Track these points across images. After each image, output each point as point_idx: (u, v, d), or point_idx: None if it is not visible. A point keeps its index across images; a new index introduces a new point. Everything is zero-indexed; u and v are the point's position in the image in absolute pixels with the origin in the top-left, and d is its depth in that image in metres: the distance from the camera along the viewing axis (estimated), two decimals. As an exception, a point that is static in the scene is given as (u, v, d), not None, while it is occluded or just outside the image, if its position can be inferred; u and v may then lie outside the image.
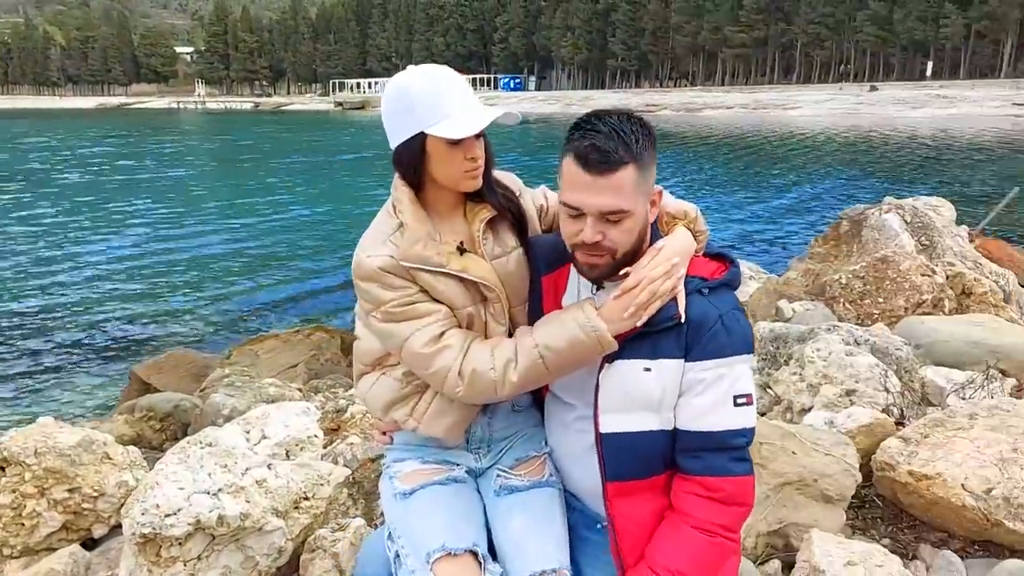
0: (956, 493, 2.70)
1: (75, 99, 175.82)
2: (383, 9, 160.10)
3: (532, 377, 1.79)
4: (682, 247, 1.80)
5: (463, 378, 1.79)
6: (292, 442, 3.18)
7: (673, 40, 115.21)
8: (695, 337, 1.74)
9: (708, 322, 1.74)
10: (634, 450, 1.79)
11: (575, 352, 1.75)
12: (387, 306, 1.83)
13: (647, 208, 1.78)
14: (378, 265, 1.81)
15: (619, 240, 1.74)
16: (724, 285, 1.81)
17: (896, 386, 3.61)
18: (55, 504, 3.41)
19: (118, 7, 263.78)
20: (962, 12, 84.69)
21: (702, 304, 1.76)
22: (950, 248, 7.12)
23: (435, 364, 1.81)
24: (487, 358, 1.79)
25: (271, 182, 28.23)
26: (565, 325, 1.76)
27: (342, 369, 6.87)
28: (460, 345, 1.81)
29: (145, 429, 5.01)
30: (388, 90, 1.86)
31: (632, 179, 1.69)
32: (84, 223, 19.53)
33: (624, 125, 1.70)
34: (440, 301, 1.85)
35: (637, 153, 1.69)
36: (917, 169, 29.80)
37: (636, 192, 1.71)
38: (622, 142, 1.67)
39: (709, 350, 1.74)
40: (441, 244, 1.85)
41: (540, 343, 1.77)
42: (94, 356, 9.28)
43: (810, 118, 64.51)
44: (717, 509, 1.74)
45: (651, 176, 1.76)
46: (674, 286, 1.74)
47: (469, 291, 1.87)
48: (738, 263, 1.89)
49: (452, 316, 1.86)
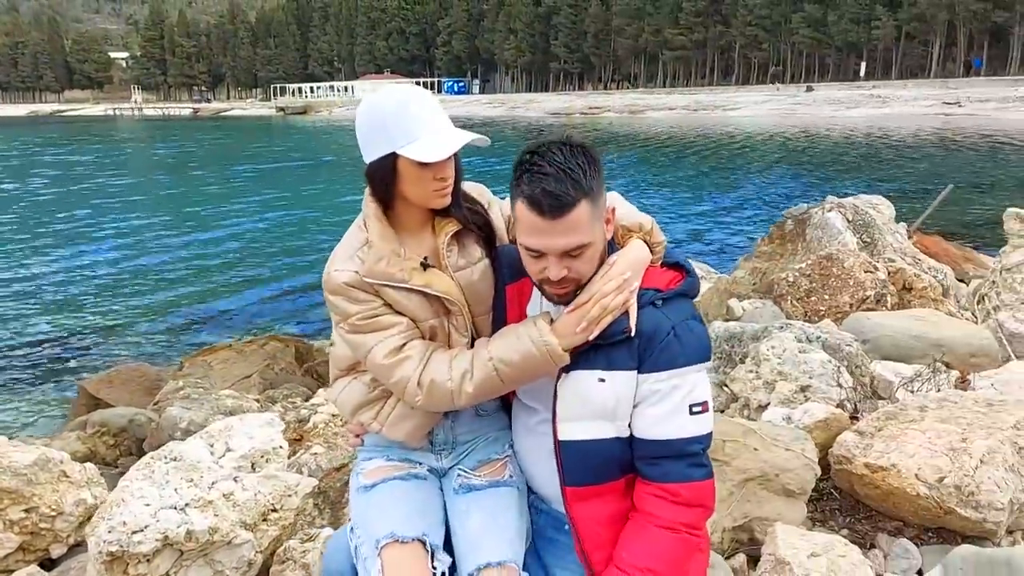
0: (910, 483, 2.81)
1: (5, 107, 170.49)
2: (324, 13, 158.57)
3: (487, 388, 1.85)
4: (635, 260, 1.83)
5: (422, 388, 1.85)
6: (257, 454, 3.15)
7: (615, 42, 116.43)
8: (647, 349, 1.78)
9: (660, 334, 1.77)
10: (591, 457, 1.84)
11: (528, 365, 1.80)
12: (352, 319, 1.89)
13: (604, 231, 1.81)
14: (344, 280, 1.88)
15: (584, 270, 1.78)
16: (680, 295, 1.84)
17: (848, 381, 3.74)
18: (11, 525, 3.32)
19: (48, 12, 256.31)
20: (892, 14, 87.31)
21: (655, 316, 1.79)
22: (890, 245, 7.35)
23: (396, 374, 1.87)
24: (445, 369, 1.85)
25: (215, 191, 27.76)
26: (519, 339, 1.81)
27: (297, 379, 6.81)
28: (420, 356, 1.87)
29: (98, 445, 4.91)
30: (362, 108, 1.90)
31: (587, 213, 1.71)
32: (24, 236, 18.96)
33: (569, 161, 1.69)
34: (404, 314, 1.91)
35: (587, 187, 1.70)
36: (855, 167, 30.58)
37: (592, 223, 1.73)
38: (571, 180, 1.68)
39: (662, 361, 1.77)
40: (405, 260, 1.90)
41: (495, 356, 1.83)
42: (40, 372, 9.00)
43: (750, 118, 65.70)
44: (679, 510, 1.79)
45: (603, 200, 1.78)
46: (626, 300, 1.77)
47: (432, 304, 1.93)
48: (695, 272, 1.92)
49: (414, 328, 1.92)
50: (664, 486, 1.79)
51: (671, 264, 1.92)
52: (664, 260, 1.92)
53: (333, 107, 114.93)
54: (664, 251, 1.93)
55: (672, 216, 19.74)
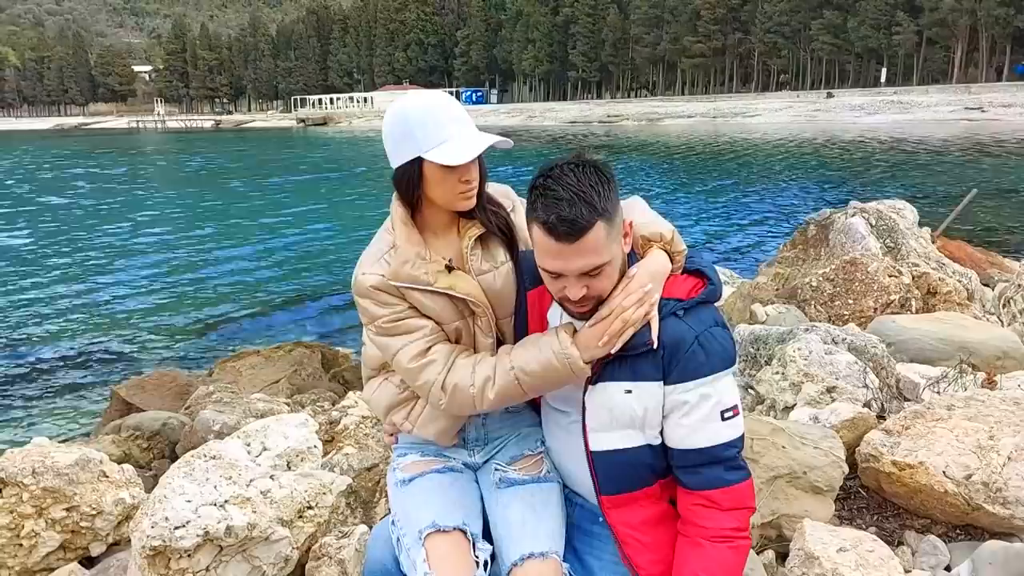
0: (938, 480, 2.83)
1: (32, 120, 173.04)
2: (344, 25, 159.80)
3: (508, 396, 1.89)
4: (655, 271, 1.84)
5: (445, 392, 1.90)
6: (293, 453, 3.23)
7: (633, 51, 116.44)
8: (672, 360, 1.78)
9: (684, 344, 1.77)
10: (623, 465, 1.87)
11: (548, 376, 1.84)
12: (379, 321, 1.95)
13: (622, 246, 1.81)
14: (371, 284, 1.94)
15: (603, 287, 1.79)
16: (702, 303, 1.84)
17: (875, 382, 3.76)
18: (53, 523, 3.41)
19: (73, 27, 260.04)
20: (914, 20, 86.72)
21: (678, 326, 1.79)
22: (914, 249, 7.34)
23: (421, 378, 1.92)
24: (468, 375, 1.89)
25: (242, 202, 28.01)
26: (541, 350, 1.85)
27: (324, 384, 6.90)
28: (444, 360, 1.92)
29: (133, 448, 5.00)
30: (388, 114, 1.95)
31: (603, 234, 1.71)
32: (59, 245, 19.28)
33: (583, 183, 1.70)
34: (429, 316, 1.96)
35: (602, 209, 1.70)
36: (877, 173, 30.41)
37: (609, 242, 1.74)
38: (586, 204, 1.68)
39: (688, 372, 1.78)
40: (430, 263, 1.94)
41: (516, 366, 1.86)
42: (73, 377, 9.17)
43: (770, 125, 65.50)
44: (724, 516, 1.81)
45: (619, 218, 1.78)
46: (647, 312, 1.78)
47: (457, 307, 1.97)
48: (716, 279, 1.90)
49: (439, 331, 1.96)
50: (705, 493, 1.81)
51: (692, 271, 1.92)
52: (685, 267, 1.92)
53: (353, 118, 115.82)
54: (685, 259, 1.92)
55: (693, 222, 19.72)
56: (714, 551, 1.80)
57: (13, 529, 3.37)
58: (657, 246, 1.89)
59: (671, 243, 1.90)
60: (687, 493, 1.85)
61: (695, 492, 1.83)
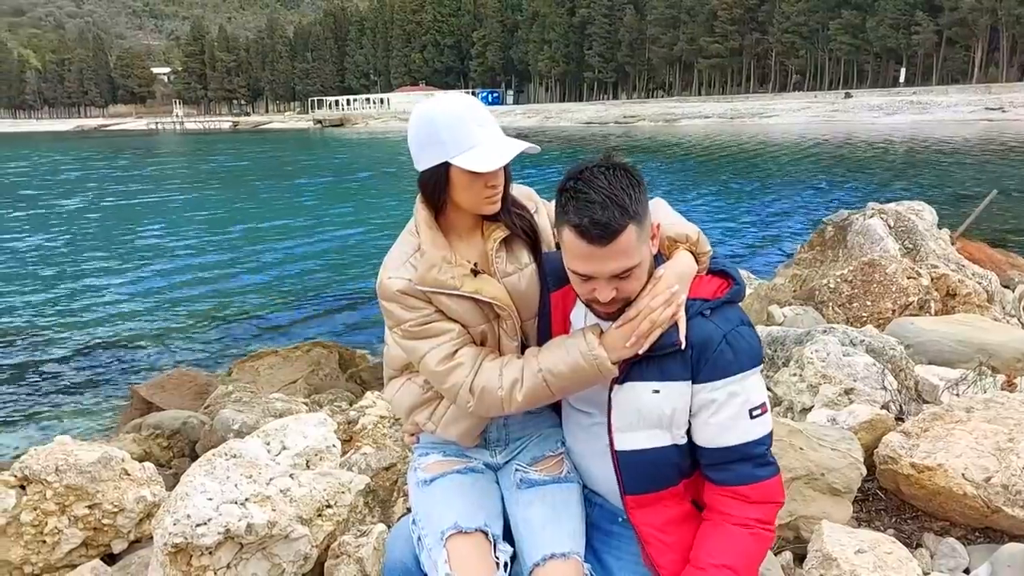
0: (957, 483, 2.82)
1: (52, 122, 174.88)
2: (360, 27, 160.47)
3: (536, 397, 1.90)
4: (682, 272, 1.85)
5: (473, 394, 1.90)
6: (311, 452, 3.25)
7: (649, 51, 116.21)
8: (701, 359, 1.79)
9: (712, 344, 1.78)
10: (649, 465, 1.87)
11: (576, 377, 1.84)
12: (406, 325, 1.95)
13: (650, 247, 1.82)
14: (398, 288, 1.94)
15: (632, 289, 1.80)
16: (728, 303, 1.86)
17: (893, 384, 3.74)
18: (76, 520, 3.45)
19: (93, 29, 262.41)
20: (933, 19, 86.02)
21: (705, 326, 1.80)
22: (933, 251, 7.29)
23: (448, 381, 1.93)
24: (495, 377, 1.90)
25: (261, 203, 28.20)
26: (569, 352, 1.85)
27: (341, 384, 6.95)
28: (472, 363, 1.92)
29: (153, 447, 5.05)
30: (414, 118, 1.94)
31: (634, 237, 1.72)
32: (80, 246, 19.50)
33: (614, 186, 1.70)
34: (455, 320, 1.96)
35: (633, 212, 1.71)
36: (896, 174, 30.21)
37: (639, 244, 1.75)
38: (618, 207, 1.69)
39: (717, 371, 1.79)
40: (455, 267, 1.94)
41: (544, 367, 1.87)
42: (94, 377, 9.28)
43: (787, 126, 65.21)
44: (752, 508, 1.82)
45: (648, 220, 1.79)
46: (674, 313, 1.79)
47: (482, 310, 1.97)
48: (741, 279, 1.92)
49: (466, 334, 1.97)
50: (734, 489, 1.82)
51: (716, 271, 1.94)
52: (709, 268, 1.94)
53: (370, 119, 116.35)
54: (709, 260, 1.94)
55: (710, 223, 19.65)
56: (736, 534, 1.81)
57: (37, 526, 3.42)
58: (683, 247, 1.90)
59: (696, 244, 1.91)
60: (715, 488, 1.86)
61: (723, 487, 1.84)
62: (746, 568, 1.80)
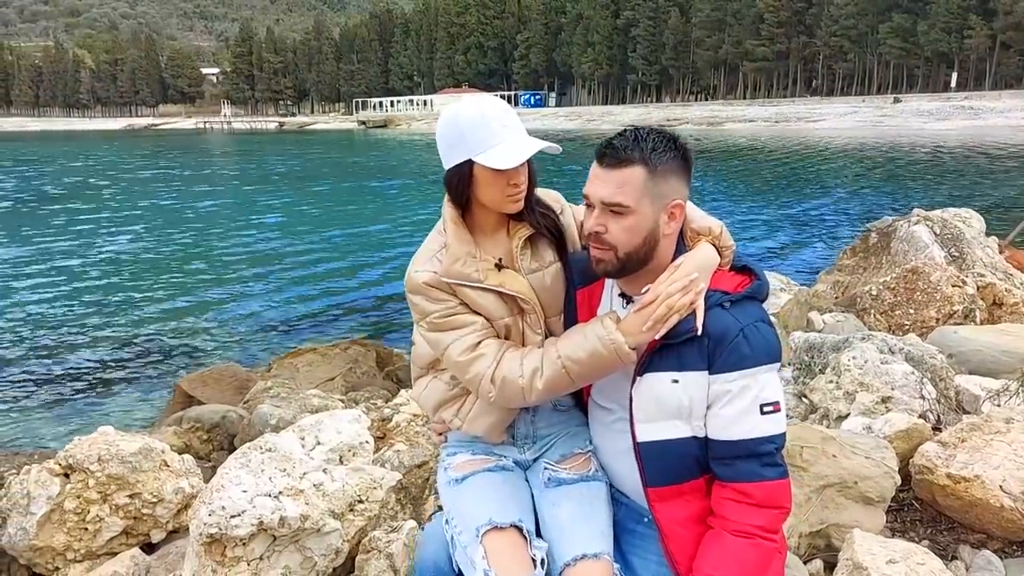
0: (994, 494, 2.77)
1: (104, 120, 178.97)
2: (405, 29, 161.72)
3: (557, 385, 1.92)
4: (702, 262, 1.87)
5: (495, 384, 1.94)
6: (345, 448, 3.30)
7: (694, 54, 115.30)
8: (717, 350, 1.80)
9: (729, 335, 1.79)
10: (669, 457, 1.88)
11: (595, 363, 1.87)
12: (431, 317, 2.01)
13: (658, 216, 1.85)
14: (423, 280, 2.00)
15: (618, 237, 1.84)
16: (748, 298, 1.86)
17: (932, 393, 3.68)
18: (117, 509, 3.55)
19: (146, 30, 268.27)
20: (987, 23, 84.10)
21: (724, 318, 1.82)
22: (980, 259, 7.14)
23: (471, 371, 1.96)
24: (516, 367, 1.93)
25: (305, 203, 28.54)
26: (587, 338, 1.88)
27: (378, 382, 7.02)
28: (494, 354, 1.96)
29: (193, 439, 5.16)
30: (442, 118, 2.02)
31: (639, 179, 1.80)
32: (128, 242, 19.94)
33: (649, 134, 1.83)
34: (480, 313, 2.00)
35: (649, 157, 1.80)
36: (944, 181, 29.60)
37: (643, 193, 1.80)
38: (636, 145, 1.80)
39: (731, 362, 1.80)
40: (480, 261, 2.00)
41: (563, 354, 1.89)
42: (138, 370, 9.50)
43: (834, 131, 64.26)
44: (753, 512, 1.80)
45: (667, 186, 1.84)
46: (692, 300, 1.81)
47: (507, 304, 2.02)
48: (764, 276, 1.93)
49: (489, 327, 2.01)
50: (737, 486, 1.82)
51: (740, 268, 1.95)
52: (733, 264, 1.96)
53: (412, 120, 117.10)
54: (733, 255, 1.96)
55: (752, 227, 19.43)
56: (733, 546, 1.80)
57: (79, 514, 3.52)
58: (706, 239, 1.93)
59: (719, 238, 1.94)
60: (721, 486, 1.86)
61: (728, 485, 1.84)
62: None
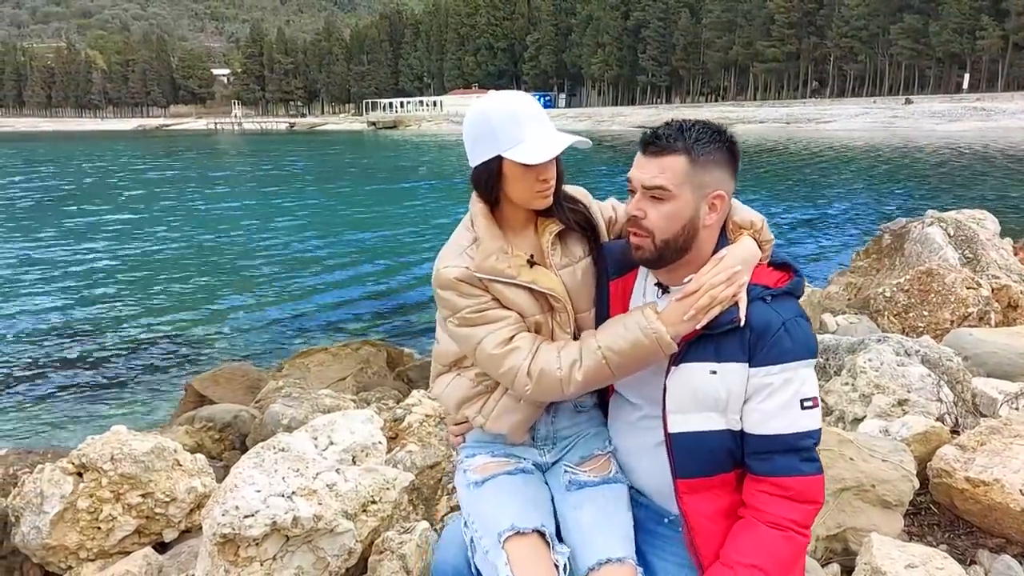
0: (1014, 498, 2.74)
1: (116, 121, 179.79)
2: (415, 30, 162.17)
3: (596, 377, 1.89)
4: (745, 255, 1.87)
5: (531, 377, 1.90)
6: (358, 448, 3.29)
7: (704, 55, 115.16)
8: (759, 343, 1.79)
9: (772, 328, 1.79)
10: (702, 448, 1.86)
11: (636, 353, 1.84)
12: (462, 312, 1.97)
13: (699, 205, 1.84)
14: (455, 276, 1.96)
15: (657, 223, 1.83)
16: (787, 293, 1.86)
17: (949, 396, 3.65)
18: (129, 509, 3.54)
19: (157, 31, 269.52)
20: (999, 24, 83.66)
21: (765, 311, 1.81)
22: (995, 261, 7.10)
23: (506, 364, 1.93)
24: (554, 358, 1.90)
25: (317, 203, 28.64)
26: (627, 328, 1.85)
27: (389, 382, 7.01)
28: (529, 347, 1.93)
29: (205, 439, 5.16)
30: (470, 114, 1.99)
31: (681, 167, 1.80)
32: (143, 242, 20.02)
33: (694, 125, 1.85)
34: (511, 308, 1.98)
35: (691, 146, 1.81)
36: (957, 182, 29.47)
37: (684, 180, 1.81)
38: (680, 134, 1.82)
39: (773, 355, 1.79)
40: (512, 257, 1.97)
41: (603, 345, 1.87)
42: (150, 369, 9.55)
43: (845, 132, 64.06)
44: (789, 505, 1.79)
45: (709, 176, 1.84)
46: (735, 292, 1.80)
47: (538, 300, 1.99)
48: (801, 273, 1.94)
49: (522, 322, 1.99)
50: (775, 480, 1.80)
51: (778, 264, 1.96)
52: (771, 260, 1.96)
53: (423, 121, 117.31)
54: (771, 251, 1.97)
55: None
56: (768, 536, 1.78)
57: (92, 512, 3.52)
58: (747, 233, 1.93)
59: (760, 232, 1.93)
60: (755, 480, 1.84)
61: (764, 479, 1.82)
62: (777, 569, 1.77)
